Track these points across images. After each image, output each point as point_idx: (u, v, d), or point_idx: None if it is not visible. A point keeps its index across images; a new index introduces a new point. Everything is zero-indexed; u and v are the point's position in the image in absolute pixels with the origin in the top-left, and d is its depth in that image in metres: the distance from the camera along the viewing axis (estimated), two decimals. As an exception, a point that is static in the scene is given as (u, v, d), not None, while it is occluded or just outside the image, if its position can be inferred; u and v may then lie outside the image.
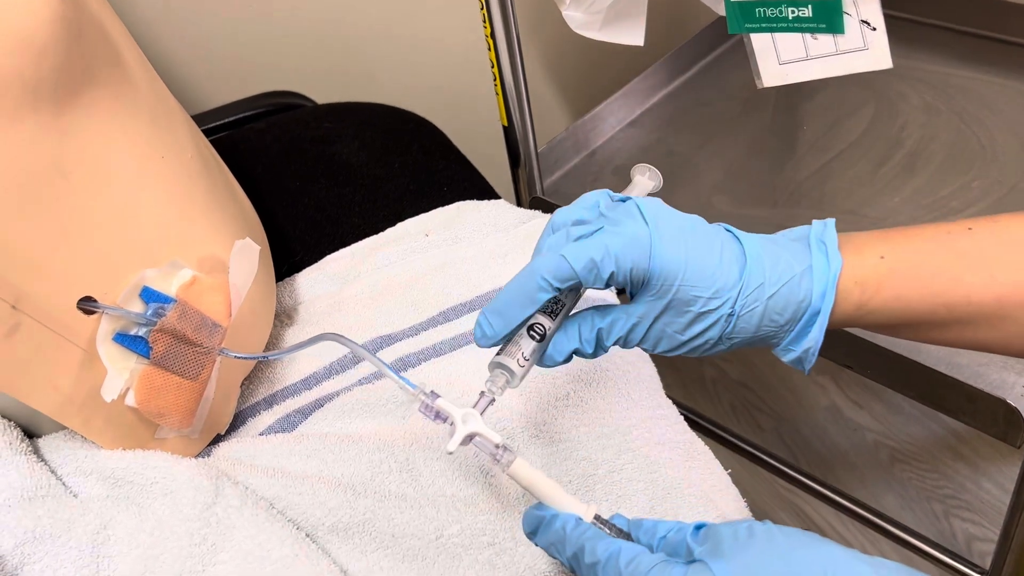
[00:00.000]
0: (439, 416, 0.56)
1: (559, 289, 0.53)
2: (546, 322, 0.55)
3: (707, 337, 0.54)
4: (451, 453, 0.55)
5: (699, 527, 0.51)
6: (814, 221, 0.56)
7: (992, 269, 0.54)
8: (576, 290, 0.56)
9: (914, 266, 0.54)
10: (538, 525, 0.55)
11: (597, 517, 0.54)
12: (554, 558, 0.55)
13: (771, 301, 0.53)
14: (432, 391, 0.56)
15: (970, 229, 0.55)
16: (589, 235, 0.53)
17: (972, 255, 0.54)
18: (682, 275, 0.52)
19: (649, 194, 0.65)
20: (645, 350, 0.56)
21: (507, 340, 0.56)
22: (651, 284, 0.53)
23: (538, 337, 0.55)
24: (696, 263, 0.52)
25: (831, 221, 0.56)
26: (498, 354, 0.56)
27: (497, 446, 0.55)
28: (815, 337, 0.54)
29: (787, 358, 0.56)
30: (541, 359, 0.56)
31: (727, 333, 0.54)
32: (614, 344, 0.56)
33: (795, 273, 0.53)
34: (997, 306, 0.54)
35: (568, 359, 0.56)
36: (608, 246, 0.52)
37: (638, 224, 0.53)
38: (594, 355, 0.56)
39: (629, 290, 0.55)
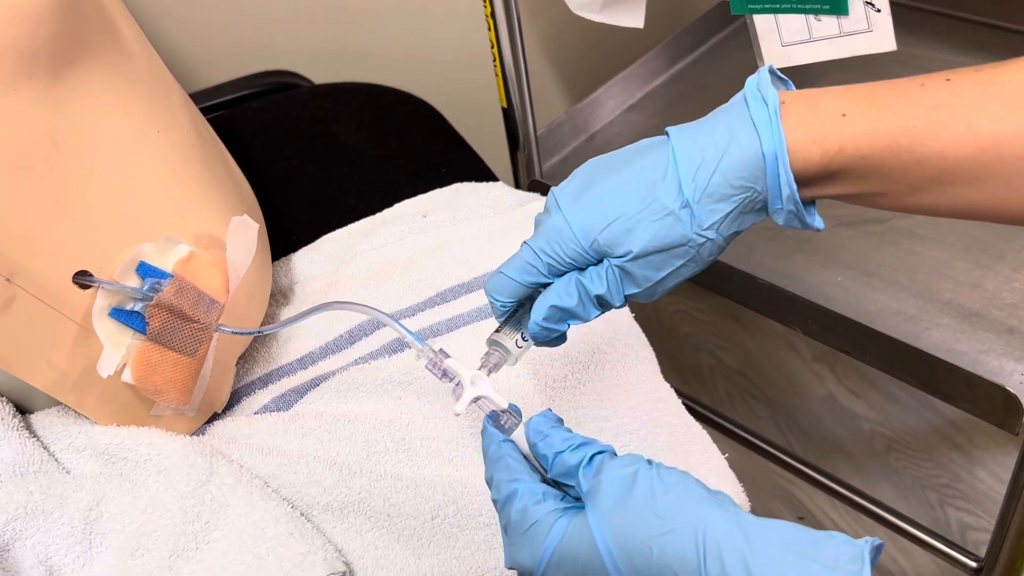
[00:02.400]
0: (446, 375, 0.55)
1: (514, 303, 0.54)
2: None
3: (682, 239, 0.51)
4: (459, 415, 0.54)
5: (596, 454, 0.48)
6: (748, 79, 0.52)
7: (969, 119, 0.48)
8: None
9: (879, 120, 0.49)
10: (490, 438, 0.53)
11: (512, 408, 0.53)
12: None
13: (720, 172, 0.50)
14: (441, 349, 0.55)
15: (948, 80, 0.50)
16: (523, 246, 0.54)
17: (948, 106, 0.49)
18: (609, 223, 0.51)
19: None
20: (653, 293, 0.53)
21: (510, 317, 0.55)
22: (595, 249, 0.52)
23: None
24: (616, 204, 0.51)
25: (765, 68, 0.52)
26: (496, 331, 0.56)
27: (503, 411, 0.53)
28: (788, 182, 0.49)
29: (782, 220, 0.51)
30: (528, 329, 0.54)
31: (701, 225, 0.50)
32: (613, 299, 0.53)
33: (734, 132, 0.50)
34: (975, 161, 0.49)
35: (554, 325, 0.53)
36: (533, 246, 0.53)
37: (554, 215, 0.53)
38: (585, 315, 0.53)
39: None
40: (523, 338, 0.55)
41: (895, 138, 0.49)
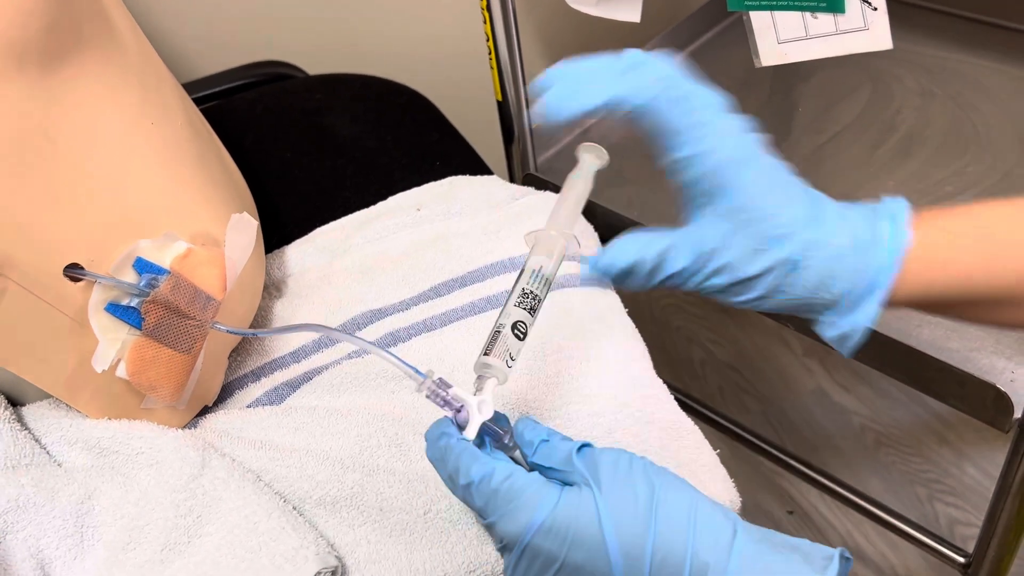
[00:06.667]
0: (448, 404, 0.53)
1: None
2: (528, 320, 0.55)
3: (766, 278, 0.50)
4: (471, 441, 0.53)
5: (584, 447, 0.50)
6: (884, 198, 0.52)
7: None
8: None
9: (982, 240, 0.50)
10: (435, 438, 0.52)
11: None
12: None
13: (833, 260, 0.49)
14: (440, 378, 0.53)
15: None
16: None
17: None
18: (759, 193, 0.50)
19: (597, 171, 0.62)
20: (696, 290, 0.52)
21: (490, 341, 0.54)
22: (725, 195, 0.50)
23: (522, 336, 0.54)
24: (772, 190, 0.50)
25: (903, 200, 0.52)
26: (484, 354, 0.54)
27: (504, 431, 0.53)
28: (869, 313, 0.50)
29: (830, 334, 0.52)
30: (597, 265, 0.52)
31: (782, 285, 0.50)
32: (674, 275, 0.51)
33: (862, 238, 0.50)
34: None
35: (622, 274, 0.52)
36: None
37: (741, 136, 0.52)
38: (644, 283, 0.52)
39: (692, 208, 0.52)
40: (512, 357, 0.54)
41: (996, 257, 0.50)
